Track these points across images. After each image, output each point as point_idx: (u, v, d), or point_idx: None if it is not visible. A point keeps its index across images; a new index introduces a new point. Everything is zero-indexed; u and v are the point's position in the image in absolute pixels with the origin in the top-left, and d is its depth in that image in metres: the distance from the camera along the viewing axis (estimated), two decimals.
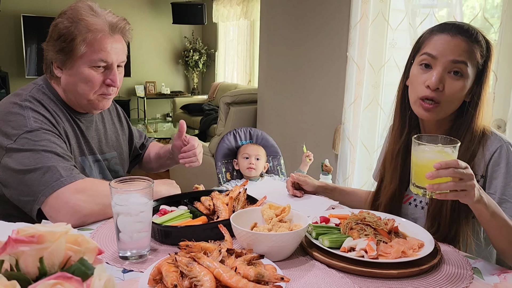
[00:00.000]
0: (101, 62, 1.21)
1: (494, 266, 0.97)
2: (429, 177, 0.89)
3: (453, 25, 1.12)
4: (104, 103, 1.29)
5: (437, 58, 1.09)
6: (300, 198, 1.40)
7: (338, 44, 2.79)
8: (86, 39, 1.18)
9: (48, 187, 1.07)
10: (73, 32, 1.18)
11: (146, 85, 6.66)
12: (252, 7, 5.69)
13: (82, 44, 1.18)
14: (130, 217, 0.90)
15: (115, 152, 1.45)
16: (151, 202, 0.93)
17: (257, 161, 1.99)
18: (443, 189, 0.89)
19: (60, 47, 1.20)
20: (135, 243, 0.91)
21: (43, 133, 1.14)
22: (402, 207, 1.26)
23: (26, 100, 1.19)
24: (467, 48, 1.08)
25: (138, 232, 0.91)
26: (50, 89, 1.27)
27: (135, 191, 0.91)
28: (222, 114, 3.53)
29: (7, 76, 5.30)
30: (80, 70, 1.21)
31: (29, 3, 5.61)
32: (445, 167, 0.88)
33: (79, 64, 1.20)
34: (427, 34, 1.15)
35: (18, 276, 0.46)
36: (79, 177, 1.12)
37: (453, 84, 1.08)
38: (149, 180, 0.95)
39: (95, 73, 1.22)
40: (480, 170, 1.12)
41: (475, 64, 1.09)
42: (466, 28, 1.10)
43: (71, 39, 1.18)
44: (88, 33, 1.18)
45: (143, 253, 0.93)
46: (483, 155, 1.12)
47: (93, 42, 1.19)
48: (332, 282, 0.87)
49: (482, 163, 1.12)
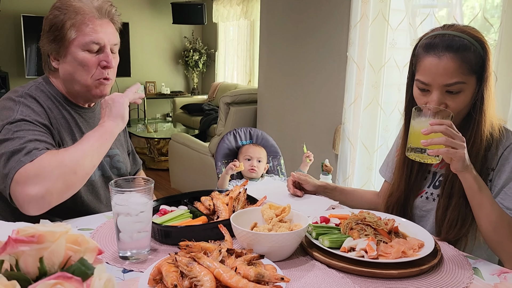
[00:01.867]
0: (93, 44, 1.22)
1: (494, 266, 0.97)
2: (424, 132, 1.00)
3: (440, 39, 1.09)
4: (102, 89, 1.29)
5: (430, 85, 1.11)
6: (300, 198, 1.40)
7: (338, 44, 2.79)
8: (76, 23, 1.20)
9: (7, 179, 1.03)
10: (62, 19, 1.20)
11: (146, 85, 6.65)
12: (252, 7, 5.69)
13: (72, 29, 1.20)
14: (130, 217, 0.90)
15: (117, 150, 1.44)
16: (151, 202, 0.93)
17: (258, 164, 2.00)
18: (436, 142, 0.99)
19: (53, 37, 1.21)
20: (135, 243, 0.92)
21: (24, 124, 1.13)
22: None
23: (21, 96, 1.20)
24: (457, 66, 1.07)
25: (138, 232, 0.91)
26: (49, 85, 1.28)
27: (135, 191, 0.91)
28: (222, 114, 3.53)
29: (7, 76, 5.30)
30: (75, 55, 1.22)
31: (29, 3, 5.61)
32: (439, 124, 1.00)
33: (72, 50, 1.21)
34: (419, 52, 1.14)
35: (18, 276, 0.46)
36: (25, 161, 1.03)
37: (455, 100, 1.10)
38: (149, 180, 0.95)
39: (89, 56, 1.22)
40: (492, 165, 1.15)
41: (470, 71, 1.09)
42: (451, 40, 1.08)
43: (61, 26, 1.20)
44: (76, 17, 1.20)
45: (143, 253, 0.93)
46: (497, 150, 1.14)
47: (82, 25, 1.20)
48: (332, 282, 0.86)
49: (495, 158, 1.14)
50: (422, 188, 1.27)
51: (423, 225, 1.24)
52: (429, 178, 1.27)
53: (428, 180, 1.27)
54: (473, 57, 1.08)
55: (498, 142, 1.14)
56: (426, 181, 1.27)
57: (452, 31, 1.10)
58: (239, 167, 1.88)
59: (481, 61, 1.09)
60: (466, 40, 1.08)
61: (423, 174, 1.27)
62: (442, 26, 1.15)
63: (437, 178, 1.25)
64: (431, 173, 1.27)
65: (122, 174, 1.42)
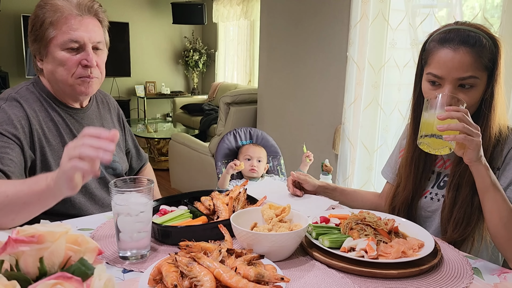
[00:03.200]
0: (72, 43, 1.19)
1: (494, 266, 0.97)
2: (441, 117, 0.97)
3: (455, 34, 1.09)
4: (86, 87, 1.25)
5: (443, 78, 1.09)
6: (300, 198, 1.40)
7: (338, 44, 2.79)
8: (53, 21, 1.18)
9: None
10: (41, 17, 1.18)
11: (146, 85, 6.65)
12: (252, 7, 5.69)
13: (51, 27, 1.18)
14: (130, 217, 0.90)
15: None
16: (151, 202, 0.94)
17: (258, 163, 2.00)
18: (453, 128, 0.95)
19: (34, 37, 1.20)
20: (135, 243, 0.92)
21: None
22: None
23: (6, 99, 1.18)
24: (472, 60, 1.06)
25: (138, 232, 0.91)
26: (39, 86, 1.26)
27: (135, 191, 0.91)
28: (222, 114, 3.53)
29: (7, 76, 5.30)
30: (55, 54, 1.20)
31: (29, 3, 5.60)
32: (456, 110, 0.97)
33: (52, 49, 1.20)
34: (431, 46, 1.14)
35: (18, 276, 0.46)
36: None
37: (467, 95, 1.09)
38: (150, 180, 0.95)
39: (68, 55, 1.20)
40: (497, 164, 1.14)
41: (484, 67, 1.08)
42: (467, 36, 1.08)
43: (40, 24, 1.18)
44: (55, 15, 1.18)
45: (143, 253, 0.93)
46: (502, 149, 1.14)
47: (60, 23, 1.18)
48: (332, 282, 0.87)
49: (500, 157, 1.14)
50: (426, 189, 1.26)
51: (429, 225, 1.24)
52: (433, 178, 1.26)
53: (432, 181, 1.26)
54: (487, 53, 1.08)
55: (505, 141, 1.13)
56: (430, 181, 1.27)
57: (467, 26, 1.11)
58: (240, 166, 1.88)
59: (494, 58, 1.09)
60: (482, 36, 1.08)
61: (427, 174, 1.27)
62: (455, 22, 1.15)
63: (442, 178, 1.24)
64: (435, 173, 1.26)
65: (118, 174, 1.40)
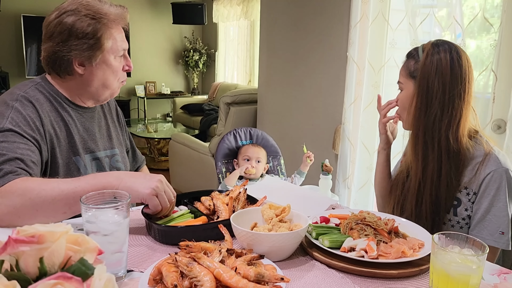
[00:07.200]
0: (123, 51, 1.30)
1: (494, 266, 0.97)
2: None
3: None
4: (118, 91, 1.37)
5: None
6: (300, 198, 1.40)
7: (338, 44, 2.79)
8: (111, 32, 1.25)
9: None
10: (99, 28, 1.22)
11: (146, 85, 6.66)
12: (252, 7, 5.69)
13: (109, 37, 1.24)
14: (102, 237, 0.78)
15: (117, 149, 1.44)
16: (126, 220, 0.81)
17: (257, 164, 2.00)
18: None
19: (87, 45, 1.21)
20: (109, 265, 0.75)
21: (11, 135, 1.10)
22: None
23: (16, 99, 1.17)
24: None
25: (111, 253, 0.80)
26: (49, 85, 1.27)
27: (108, 208, 0.79)
28: (222, 114, 3.53)
29: (7, 76, 5.30)
30: (109, 62, 1.27)
31: (29, 3, 5.61)
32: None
33: (107, 57, 1.26)
34: None
35: (18, 276, 0.46)
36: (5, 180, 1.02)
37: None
38: (125, 194, 0.85)
39: (118, 62, 1.30)
40: (474, 187, 1.21)
41: (410, 75, 1.31)
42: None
43: (99, 35, 1.22)
44: (111, 26, 1.24)
45: (118, 275, 0.82)
46: (479, 174, 1.20)
47: (115, 33, 1.26)
48: (332, 282, 0.87)
49: (476, 181, 1.21)
50: None
51: None
52: None
53: None
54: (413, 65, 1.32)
55: (483, 166, 1.19)
56: None
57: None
58: (251, 171, 1.98)
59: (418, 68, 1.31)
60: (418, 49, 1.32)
61: None
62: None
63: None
64: None
65: None
